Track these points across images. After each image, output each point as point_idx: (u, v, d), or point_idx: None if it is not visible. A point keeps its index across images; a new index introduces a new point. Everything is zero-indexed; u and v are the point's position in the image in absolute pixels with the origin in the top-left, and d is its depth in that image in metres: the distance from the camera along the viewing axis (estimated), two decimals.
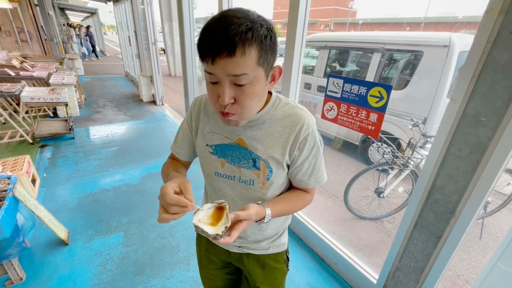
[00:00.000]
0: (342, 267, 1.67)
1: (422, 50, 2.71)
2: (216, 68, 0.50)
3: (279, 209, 0.67)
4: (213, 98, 0.57)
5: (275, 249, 0.84)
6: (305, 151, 0.67)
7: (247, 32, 0.48)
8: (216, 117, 0.72)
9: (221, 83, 0.53)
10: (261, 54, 0.51)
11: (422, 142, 2.16)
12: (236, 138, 0.68)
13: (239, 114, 0.57)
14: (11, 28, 5.73)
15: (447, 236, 1.01)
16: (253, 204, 0.61)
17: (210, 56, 0.49)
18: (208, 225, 0.56)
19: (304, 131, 0.65)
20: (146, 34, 4.99)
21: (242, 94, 0.54)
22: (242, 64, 0.49)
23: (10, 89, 2.97)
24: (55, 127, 3.60)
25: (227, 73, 0.50)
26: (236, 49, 0.48)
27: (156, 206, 2.25)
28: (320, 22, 40.16)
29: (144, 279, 1.60)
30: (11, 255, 1.40)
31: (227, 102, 0.53)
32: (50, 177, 2.61)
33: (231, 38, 0.47)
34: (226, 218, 0.56)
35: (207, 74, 0.53)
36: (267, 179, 0.69)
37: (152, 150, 3.37)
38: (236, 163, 0.69)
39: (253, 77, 0.52)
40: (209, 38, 0.49)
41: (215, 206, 0.59)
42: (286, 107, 0.67)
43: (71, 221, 2.03)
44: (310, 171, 0.70)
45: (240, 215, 0.57)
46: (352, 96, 1.31)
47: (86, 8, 13.90)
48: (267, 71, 0.56)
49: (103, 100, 5.50)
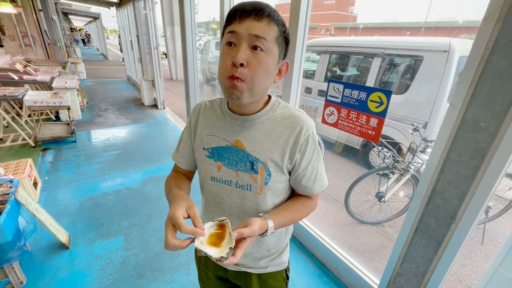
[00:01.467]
0: (343, 272, 1.66)
1: (422, 55, 2.73)
2: (241, 26, 0.54)
3: (281, 220, 0.65)
4: (225, 62, 0.56)
5: (274, 268, 0.81)
6: (307, 154, 0.66)
7: (274, 12, 0.56)
8: (213, 119, 0.71)
9: (239, 44, 0.55)
10: (279, 35, 0.57)
11: (422, 146, 2.16)
12: (233, 140, 0.67)
13: (247, 82, 0.56)
14: (15, 33, 5.80)
15: (448, 241, 1.01)
16: (255, 218, 0.59)
17: (240, 15, 0.55)
18: (211, 247, 0.53)
19: (305, 133, 0.64)
20: (148, 38, 5.04)
21: (256, 59, 0.56)
22: (265, 29, 0.55)
23: (13, 92, 3.00)
24: (57, 130, 3.63)
25: (250, 32, 0.54)
26: (263, 16, 0.55)
27: (157, 210, 2.27)
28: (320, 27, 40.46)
29: (144, 283, 1.60)
30: (12, 259, 1.40)
31: (241, 60, 0.54)
32: (52, 181, 2.62)
33: (262, 8, 0.55)
34: (230, 237, 0.54)
35: (228, 34, 0.56)
36: (265, 184, 0.67)
37: (153, 153, 3.38)
38: (233, 166, 0.67)
39: (269, 48, 0.56)
40: (244, 5, 0.56)
41: (216, 224, 0.57)
42: (285, 109, 0.68)
43: (72, 224, 2.03)
44: (314, 176, 0.69)
45: (243, 233, 0.54)
46: (352, 101, 1.32)
47: (89, 13, 14.07)
48: (279, 55, 0.60)
49: (105, 104, 5.54)
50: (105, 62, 13.30)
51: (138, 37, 5.88)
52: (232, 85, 0.56)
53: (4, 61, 4.84)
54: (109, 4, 7.70)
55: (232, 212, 0.72)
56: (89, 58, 14.11)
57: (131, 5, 5.75)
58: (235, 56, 0.54)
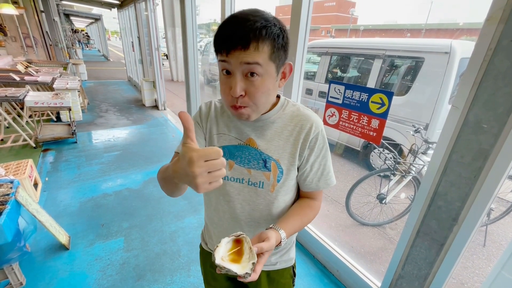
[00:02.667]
0: (344, 274, 1.65)
1: (423, 57, 2.73)
2: (230, 57, 0.53)
3: (292, 228, 0.64)
4: (225, 91, 0.57)
5: (282, 265, 0.82)
6: (316, 150, 0.67)
7: (261, 29, 0.51)
8: (225, 119, 0.71)
9: (234, 74, 0.55)
10: (273, 51, 0.54)
11: (424, 148, 2.16)
12: (245, 139, 0.68)
13: (250, 107, 0.58)
14: (17, 34, 5.82)
15: (450, 243, 1.00)
16: (270, 231, 0.58)
17: (225, 48, 0.52)
18: (232, 263, 0.51)
19: (314, 130, 0.65)
20: (149, 39, 5.06)
21: (253, 87, 0.55)
22: (255, 56, 0.52)
23: (15, 93, 3.00)
24: (58, 131, 3.63)
25: (241, 61, 0.52)
26: (250, 44, 0.51)
27: (157, 211, 2.26)
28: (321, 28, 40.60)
29: (144, 284, 1.59)
30: (12, 260, 1.39)
31: (239, 93, 0.55)
32: (52, 181, 2.62)
33: (246, 34, 0.51)
34: (251, 253, 0.52)
35: (221, 62, 0.55)
36: (277, 181, 0.68)
37: (154, 154, 3.37)
38: (246, 164, 0.68)
39: (264, 71, 0.55)
40: (226, 33, 0.53)
41: (232, 239, 0.56)
42: (294, 108, 0.69)
43: (72, 225, 2.03)
44: (320, 172, 0.69)
45: (263, 248, 0.53)
46: (354, 102, 1.32)
47: (90, 14, 14.13)
48: (278, 68, 0.58)
49: (106, 105, 5.55)
50: (106, 63, 13.34)
51: (139, 39, 5.90)
52: (236, 113, 0.60)
53: (5, 62, 4.86)
54: (111, 6, 7.73)
55: (244, 209, 0.72)
56: (90, 59, 14.16)
57: (133, 7, 5.78)
58: (232, 89, 0.55)
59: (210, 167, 0.41)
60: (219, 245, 0.53)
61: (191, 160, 0.40)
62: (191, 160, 0.40)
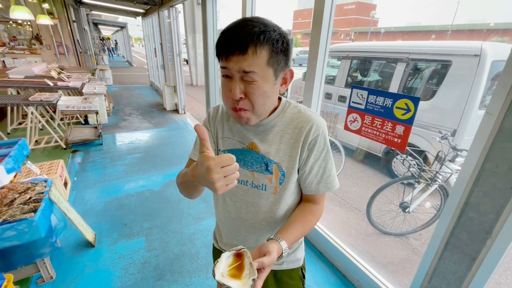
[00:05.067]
0: (365, 285, 1.60)
1: (450, 60, 2.61)
2: (229, 63, 0.55)
3: (294, 237, 0.64)
4: (226, 94, 0.60)
5: (289, 265, 0.82)
6: (315, 152, 0.66)
7: (259, 35, 0.53)
8: (230, 123, 0.73)
9: (233, 78, 0.57)
10: (272, 56, 0.56)
11: (451, 155, 2.05)
12: (248, 143, 0.70)
13: (250, 110, 0.60)
14: (51, 42, 6.25)
15: (483, 257, 0.95)
16: (271, 244, 0.57)
17: (224, 53, 0.55)
18: (232, 279, 0.51)
19: (314, 132, 0.65)
20: (171, 45, 5.24)
21: (251, 89, 0.57)
22: (252, 62, 0.54)
23: (49, 98, 3.22)
24: (86, 133, 3.83)
25: (238, 69, 0.55)
26: (248, 48, 0.53)
27: (177, 212, 2.32)
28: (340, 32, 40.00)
29: (164, 284, 1.63)
30: (44, 254, 1.48)
31: (238, 96, 0.57)
32: (80, 181, 2.76)
33: (244, 38, 0.53)
34: (251, 268, 0.51)
35: (221, 68, 0.58)
36: (279, 184, 0.69)
37: (174, 157, 3.47)
38: (249, 167, 0.70)
39: (262, 76, 0.56)
40: (225, 38, 0.55)
41: (233, 253, 0.56)
42: (295, 110, 0.69)
43: (98, 224, 2.12)
44: (320, 174, 0.69)
45: (264, 263, 0.53)
46: (377, 108, 1.29)
47: (116, 23, 14.88)
48: (277, 72, 0.59)
49: (130, 109, 5.79)
50: (130, 69, 13.95)
51: (162, 45, 6.13)
52: (237, 116, 0.62)
53: (40, 68, 5.22)
54: (136, 14, 8.10)
55: (248, 211, 0.74)
56: (115, 65, 14.87)
57: (156, 15, 6.02)
58: (232, 92, 0.57)
59: (226, 172, 0.47)
60: (219, 260, 0.53)
61: (209, 168, 0.46)
62: (209, 168, 0.46)
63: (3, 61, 5.81)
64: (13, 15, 3.86)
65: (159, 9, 5.56)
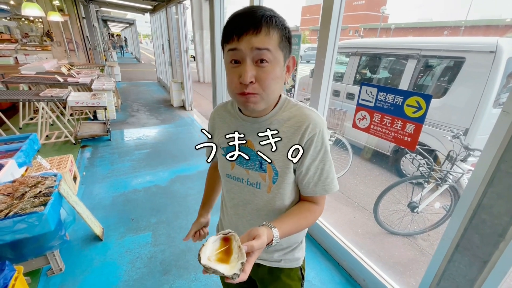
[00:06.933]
0: (371, 284, 1.58)
1: (464, 56, 2.54)
2: (241, 43, 0.53)
3: (287, 228, 0.62)
4: (233, 80, 0.57)
5: (287, 264, 0.80)
6: (311, 153, 0.64)
7: (272, 17, 0.54)
8: (227, 120, 0.74)
9: (244, 61, 0.55)
10: (282, 40, 0.56)
11: (463, 155, 2.00)
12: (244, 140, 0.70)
13: (260, 94, 0.58)
14: (62, 39, 6.35)
15: (495, 261, 0.92)
16: (261, 228, 0.56)
17: (237, 33, 0.53)
18: (219, 263, 0.49)
19: (310, 131, 0.62)
20: (179, 42, 5.25)
21: (263, 73, 0.55)
22: (265, 41, 0.53)
23: (59, 94, 3.27)
24: (95, 129, 3.89)
25: (252, 46, 0.53)
26: (261, 28, 0.53)
27: (183, 208, 2.34)
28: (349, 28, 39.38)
29: (170, 279, 1.65)
30: (54, 247, 1.51)
31: (249, 79, 0.54)
32: (89, 176, 2.81)
33: (258, 19, 0.53)
34: (240, 252, 0.50)
35: (230, 52, 0.56)
36: (273, 183, 0.68)
37: (181, 153, 3.49)
38: (244, 165, 0.70)
39: (273, 57, 0.55)
40: (237, 21, 0.54)
41: (220, 237, 0.54)
42: (294, 108, 0.67)
43: (106, 218, 2.16)
44: (317, 176, 0.66)
45: (254, 246, 0.51)
46: (387, 106, 1.25)
47: (125, 19, 15.00)
48: (285, 58, 0.59)
49: (137, 105, 5.85)
50: (138, 65, 14.07)
51: (169, 41, 6.15)
52: (245, 100, 0.59)
53: (51, 65, 5.32)
54: (144, 11, 8.14)
55: (245, 208, 0.75)
56: (123, 61, 15.03)
57: (164, 11, 6.03)
58: (242, 76, 0.55)
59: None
60: (205, 244, 0.51)
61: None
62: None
63: (15, 58, 5.94)
64: (25, 11, 3.92)
65: (166, 5, 5.57)
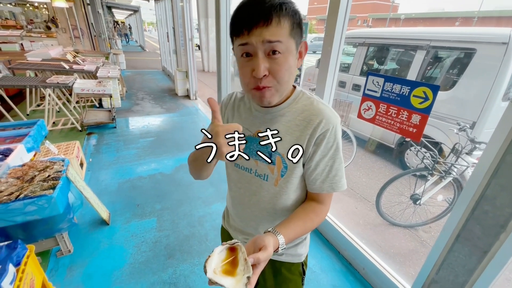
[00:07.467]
0: (370, 273, 1.61)
1: (474, 48, 2.47)
2: (252, 37, 0.52)
3: (293, 233, 0.60)
4: (246, 75, 0.57)
5: (289, 258, 0.80)
6: (322, 148, 0.63)
7: (281, 5, 0.52)
8: (240, 110, 0.73)
9: (256, 55, 0.54)
10: (293, 27, 0.54)
11: (469, 148, 1.98)
12: (255, 130, 0.69)
13: (274, 86, 0.57)
14: (66, 26, 6.32)
15: (495, 252, 0.93)
16: (267, 237, 0.54)
17: (247, 27, 0.52)
18: (225, 276, 0.47)
19: (323, 126, 0.61)
20: (184, 30, 5.19)
21: (276, 65, 0.55)
22: (276, 32, 0.52)
23: (65, 80, 3.29)
24: (100, 116, 3.92)
25: (263, 40, 0.52)
26: (272, 18, 0.51)
27: (187, 195, 2.37)
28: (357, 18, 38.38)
29: (174, 263, 1.70)
30: (63, 229, 1.56)
31: (262, 73, 0.54)
32: (95, 162, 2.86)
33: (267, 10, 0.51)
34: (246, 265, 0.48)
35: (241, 47, 0.55)
36: (281, 176, 0.67)
37: (185, 142, 3.52)
38: (253, 156, 0.69)
39: (286, 47, 0.54)
40: (246, 12, 0.53)
41: (226, 247, 0.53)
42: (308, 101, 0.66)
43: (112, 203, 2.21)
44: (326, 173, 0.65)
45: (260, 258, 0.49)
46: (393, 96, 1.24)
47: (130, 6, 14.82)
48: (297, 45, 0.58)
49: (142, 93, 5.85)
50: (143, 54, 13.99)
51: (174, 29, 6.08)
52: (260, 95, 0.58)
53: (57, 51, 5.32)
54: None
55: (251, 199, 0.75)
56: (128, 49, 14.94)
57: None
58: (256, 70, 0.54)
59: (230, 139, 0.50)
60: (211, 255, 0.50)
61: (216, 133, 0.50)
62: (217, 133, 0.50)
63: (21, 44, 5.95)
64: None
65: None
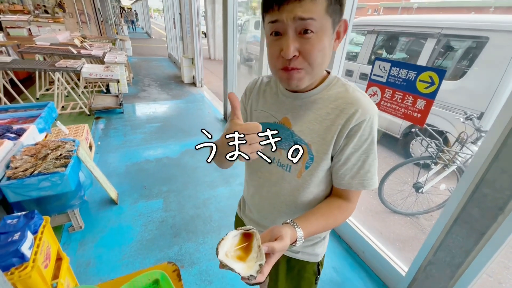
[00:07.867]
0: (369, 256, 1.65)
1: (487, 36, 2.41)
2: (282, 13, 0.47)
3: (313, 228, 0.56)
4: (274, 54, 0.52)
5: (305, 257, 0.75)
6: (356, 141, 0.56)
7: None
8: (266, 95, 0.68)
9: (285, 34, 0.49)
10: (331, 2, 0.48)
11: (474, 137, 1.97)
12: (281, 117, 0.64)
13: (305, 69, 0.52)
14: (74, 10, 6.31)
15: (492, 233, 0.95)
16: (285, 228, 0.51)
17: (277, 2, 0.47)
18: (236, 261, 0.46)
19: (359, 117, 0.55)
20: (190, 16, 5.14)
21: (308, 45, 0.49)
22: (310, 8, 0.46)
23: (73, 65, 3.33)
24: (108, 101, 3.98)
25: (294, 16, 0.46)
26: None
27: (192, 179, 2.43)
28: (368, 7, 37.23)
29: (180, 241, 1.76)
30: (74, 206, 1.63)
31: (291, 54, 0.49)
32: (103, 146, 2.93)
33: None
34: (259, 252, 0.46)
35: (270, 24, 0.50)
36: (305, 167, 0.62)
37: (191, 128, 3.56)
38: (278, 144, 0.61)
39: (320, 26, 0.48)
40: None
41: (241, 233, 0.51)
42: (343, 88, 0.59)
43: (120, 184, 2.28)
44: (357, 168, 0.59)
45: (275, 248, 0.47)
46: (399, 81, 1.24)
47: None
48: (334, 24, 0.51)
49: (148, 80, 5.88)
50: (149, 41, 13.91)
51: (181, 15, 6.02)
52: (288, 76, 0.53)
53: (64, 36, 5.35)
54: None
55: (270, 190, 0.70)
56: (134, 36, 14.86)
57: None
58: (284, 50, 0.49)
59: (249, 139, 0.47)
60: (225, 238, 0.49)
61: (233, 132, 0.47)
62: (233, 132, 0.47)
63: (29, 29, 5.98)
64: None
65: None
